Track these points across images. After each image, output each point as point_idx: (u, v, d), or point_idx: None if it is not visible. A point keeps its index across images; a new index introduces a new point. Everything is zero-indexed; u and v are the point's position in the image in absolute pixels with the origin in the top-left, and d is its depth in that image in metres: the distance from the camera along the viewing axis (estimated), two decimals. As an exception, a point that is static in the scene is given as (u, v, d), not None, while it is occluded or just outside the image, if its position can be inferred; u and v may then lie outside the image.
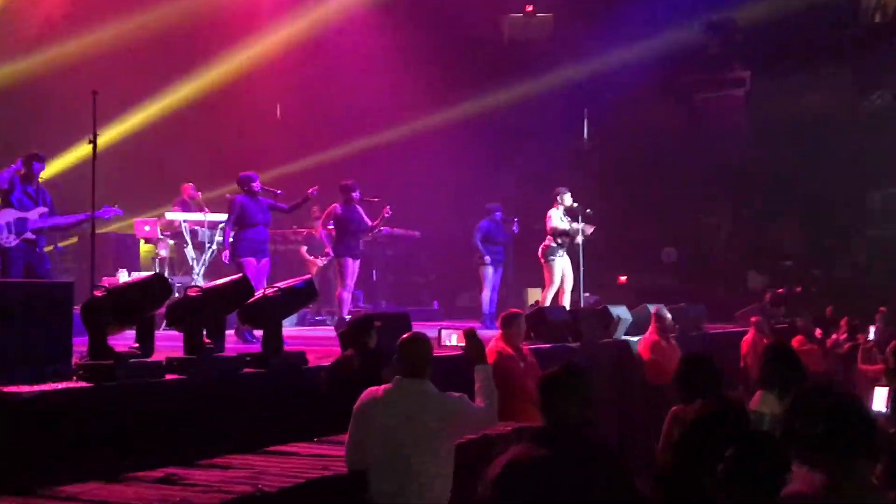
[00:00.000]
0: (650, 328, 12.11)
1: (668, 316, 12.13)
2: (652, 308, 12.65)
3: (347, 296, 12.78)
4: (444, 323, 13.62)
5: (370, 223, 13.06)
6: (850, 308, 16.00)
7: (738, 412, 5.12)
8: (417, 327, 7.69)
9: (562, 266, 14.12)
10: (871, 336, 14.44)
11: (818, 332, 14.79)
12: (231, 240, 11.63)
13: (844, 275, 20.57)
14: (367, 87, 19.51)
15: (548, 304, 13.73)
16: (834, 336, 14.98)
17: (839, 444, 3.84)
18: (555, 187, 14.50)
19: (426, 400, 5.60)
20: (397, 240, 18.09)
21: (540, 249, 14.19)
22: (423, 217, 18.62)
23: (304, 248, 16.44)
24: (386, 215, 13.04)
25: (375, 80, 19.48)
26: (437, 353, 6.08)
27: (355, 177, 13.45)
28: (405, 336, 5.85)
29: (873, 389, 8.64)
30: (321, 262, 15.90)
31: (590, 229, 14.15)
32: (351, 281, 12.78)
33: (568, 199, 14.23)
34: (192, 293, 7.49)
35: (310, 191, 12.13)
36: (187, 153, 17.85)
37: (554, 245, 14.09)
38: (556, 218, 14.11)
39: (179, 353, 7.27)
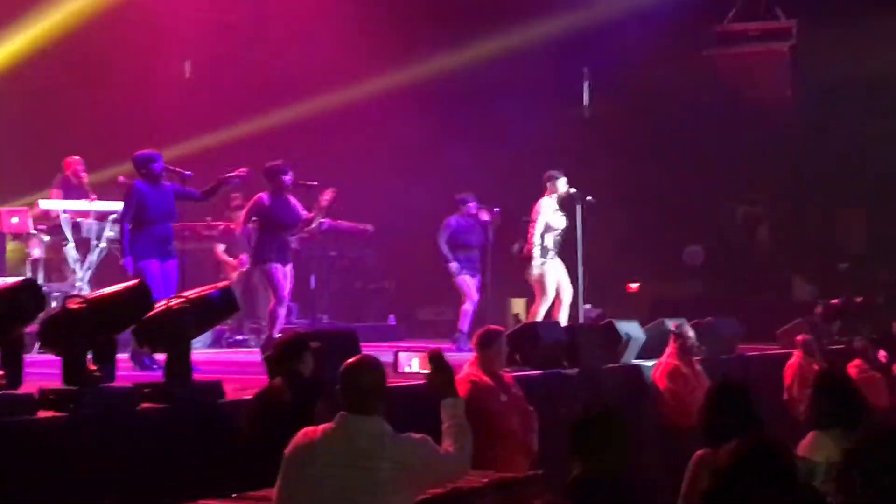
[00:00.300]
0: (668, 350, 12.15)
1: (692, 334, 12.17)
2: (671, 324, 12.69)
3: (283, 311, 12.75)
4: (403, 343, 13.64)
5: (306, 215, 13.03)
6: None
7: (782, 458, 5.14)
8: (368, 349, 7.69)
9: (555, 273, 14.12)
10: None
11: (882, 354, 14.90)
12: (128, 237, 11.58)
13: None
14: (303, 38, 19.47)
15: (539, 319, 13.77)
16: (902, 360, 15.10)
17: None
18: (546, 169, 14.52)
19: (378, 443, 5.59)
20: (343, 236, 18.07)
21: (524, 251, 14.18)
22: (377, 207, 18.61)
23: (220, 247, 16.40)
24: (325, 203, 12.99)
25: (313, 27, 19.44)
26: (392, 382, 6.08)
27: (288, 155, 13.41)
28: (350, 361, 5.84)
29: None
30: (243, 264, 15.87)
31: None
32: (285, 291, 12.74)
33: (563, 185, 14.26)
34: (73, 305, 7.44)
35: (233, 174, 12.08)
36: (68, 123, 17.74)
37: (542, 246, 14.07)
38: (548, 210, 14.12)
39: (57, 384, 7.23)
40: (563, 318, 13.98)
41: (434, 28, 20.28)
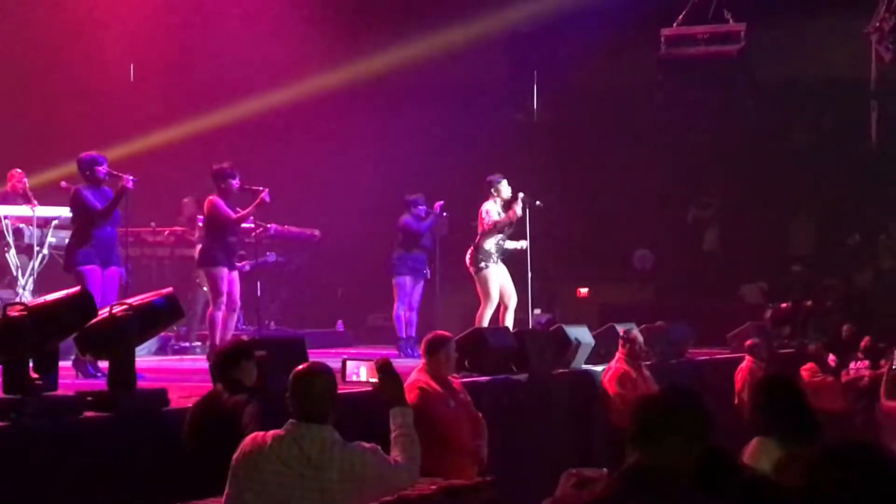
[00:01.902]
0: (617, 355, 12.22)
1: (640, 338, 12.25)
2: (620, 329, 12.75)
3: (221, 316, 12.64)
4: (351, 350, 13.62)
5: (236, 215, 12.88)
6: (875, 327, 16.26)
7: (728, 467, 5.16)
8: (316, 356, 7.68)
9: (498, 277, 14.09)
10: (896, 363, 14.68)
11: (832, 358, 15.02)
12: (68, 242, 11.51)
13: (867, 284, 20.89)
14: (246, 39, 19.39)
15: (485, 324, 13.76)
16: (853, 364, 15.22)
17: None
18: (494, 172, 14.52)
19: (327, 452, 5.57)
20: (290, 242, 18.02)
21: (468, 256, 14.17)
22: (324, 213, 18.58)
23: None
24: (263, 198, 12.83)
25: (257, 28, 19.38)
26: (341, 389, 6.07)
27: (231, 158, 13.32)
28: (301, 368, 5.83)
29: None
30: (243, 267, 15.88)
31: (524, 245, 14.21)
32: (229, 296, 12.66)
33: (505, 188, 14.22)
34: (13, 313, 7.39)
35: (126, 178, 11.82)
36: (9, 128, 17.60)
37: (486, 249, 14.03)
38: (495, 213, 14.13)
39: (-3, 393, 7.18)
40: (508, 323, 13.98)
41: (379, 29, 20.27)
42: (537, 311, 15.36)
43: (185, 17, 19.63)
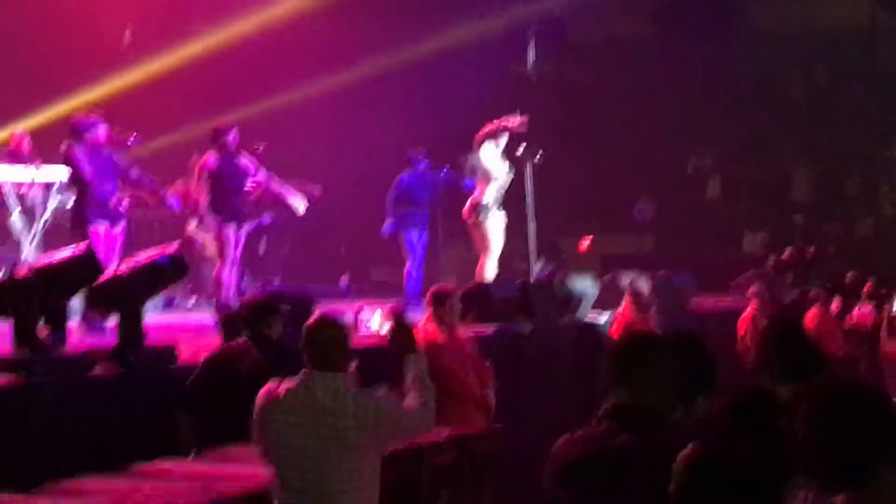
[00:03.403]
0: (623, 304, 12.24)
1: (646, 287, 12.27)
2: (625, 278, 12.77)
3: (228, 274, 12.67)
4: (358, 303, 13.63)
5: (256, 177, 12.95)
6: (877, 273, 16.29)
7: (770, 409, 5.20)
8: (323, 309, 7.69)
9: (498, 225, 13.92)
10: (896, 308, 14.73)
11: (836, 304, 15.05)
12: (72, 203, 11.51)
13: (868, 231, 20.92)
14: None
15: (488, 275, 13.70)
16: (856, 309, 15.26)
17: (865, 457, 3.91)
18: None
19: (342, 400, 5.60)
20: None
21: (467, 206, 13.94)
22: (326, 168, 18.55)
23: (192, 223, 16.15)
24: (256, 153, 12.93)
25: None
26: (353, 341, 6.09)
27: (236, 115, 13.34)
28: (312, 320, 5.85)
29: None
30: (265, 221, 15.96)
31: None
32: (233, 252, 12.67)
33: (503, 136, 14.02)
34: (20, 273, 7.43)
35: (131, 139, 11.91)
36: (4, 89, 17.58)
37: (485, 204, 13.82)
38: (489, 155, 13.87)
39: (7, 352, 7.20)
40: (491, 272, 13.82)
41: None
42: (540, 262, 15.33)
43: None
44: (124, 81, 18.13)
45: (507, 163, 13.97)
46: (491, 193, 13.77)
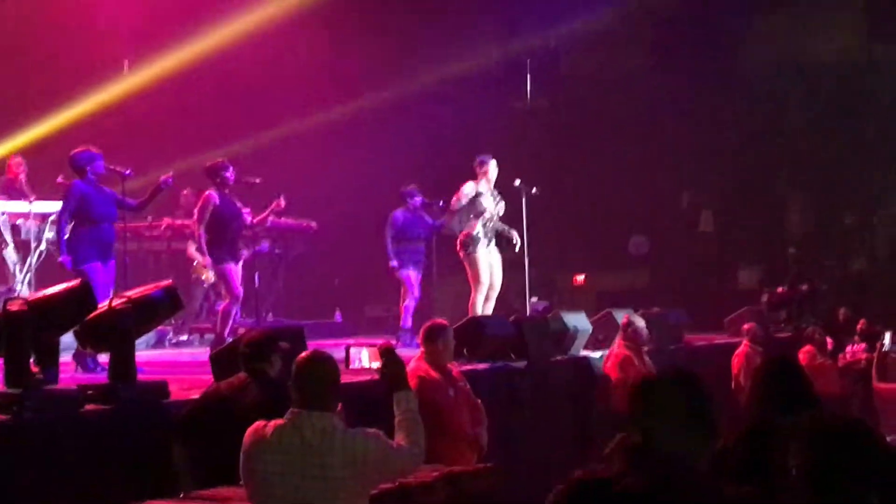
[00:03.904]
0: (617, 341, 12.25)
1: (642, 324, 12.27)
2: (619, 315, 12.78)
3: (233, 309, 12.67)
4: (352, 340, 13.63)
5: (251, 220, 13.06)
6: (871, 311, 16.30)
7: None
8: (315, 346, 7.69)
9: (488, 259, 13.99)
10: (887, 345, 14.73)
11: (830, 342, 15.06)
12: (67, 237, 11.50)
13: (862, 268, 20.94)
14: (243, 25, 19.35)
15: (478, 310, 13.72)
16: (849, 347, 15.28)
17: (859, 493, 3.96)
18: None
19: (330, 439, 5.59)
20: (287, 233, 18.03)
21: (459, 239, 14.02)
22: (322, 203, 18.58)
23: (192, 247, 16.18)
24: (278, 207, 12.99)
25: (251, 16, 19.32)
26: (343, 377, 6.08)
27: (228, 150, 13.37)
28: (302, 356, 5.85)
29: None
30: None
31: (514, 236, 14.04)
32: (240, 291, 12.69)
33: (493, 169, 14.07)
34: (12, 307, 7.41)
35: (161, 179, 12.03)
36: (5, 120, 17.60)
37: (474, 234, 13.88)
38: (470, 194, 13.87)
39: (-1, 387, 7.20)
40: (489, 308, 13.88)
41: (376, 19, 20.23)
42: (534, 299, 15.33)
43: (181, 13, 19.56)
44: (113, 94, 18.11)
45: (495, 197, 13.99)
46: (479, 228, 13.81)
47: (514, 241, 13.98)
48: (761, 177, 21.65)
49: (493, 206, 13.90)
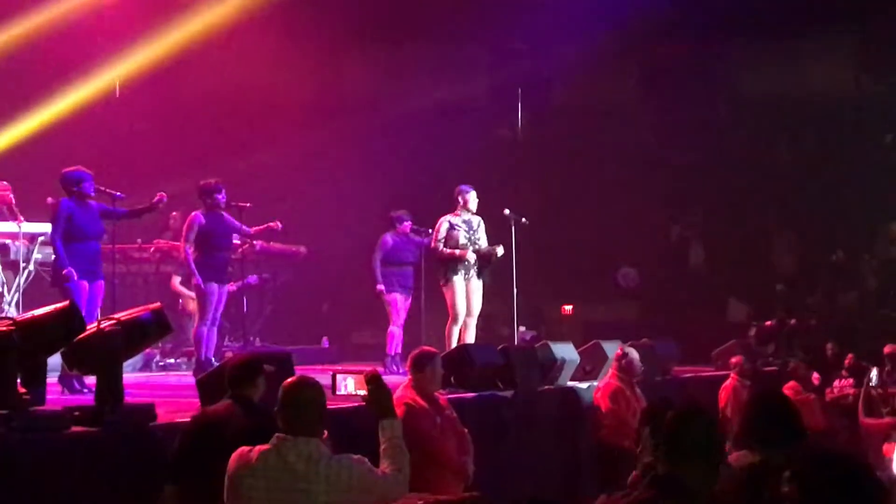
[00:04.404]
0: (609, 372, 12.27)
1: (636, 356, 12.30)
2: (607, 346, 12.81)
3: (206, 331, 12.66)
4: (338, 366, 13.63)
5: (248, 230, 13.12)
6: (858, 346, 16.32)
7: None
8: (302, 372, 7.69)
9: (463, 289, 14.04)
10: (874, 381, 14.77)
11: (816, 376, 15.08)
12: (54, 258, 11.50)
13: (850, 303, 20.96)
14: (233, 54, 19.38)
15: (452, 339, 13.74)
16: (837, 382, 15.30)
17: None
18: (480, 189, 14.41)
19: (315, 465, 5.60)
20: (276, 258, 18.02)
21: (439, 270, 14.12)
22: (310, 229, 18.58)
23: (176, 280, 16.17)
24: (276, 227, 13.10)
25: (244, 44, 19.35)
26: (330, 404, 6.08)
27: (217, 174, 13.36)
28: (288, 381, 5.85)
29: (882, 448, 8.86)
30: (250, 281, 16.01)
31: (499, 251, 14.07)
32: (214, 313, 12.69)
33: (473, 200, 14.14)
34: (1, 327, 7.40)
35: (156, 199, 12.09)
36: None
37: (451, 264, 13.95)
38: (443, 228, 13.97)
39: (-16, 408, 7.18)
40: (470, 336, 13.88)
41: (365, 45, 20.27)
42: (522, 329, 15.35)
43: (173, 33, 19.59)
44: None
45: (474, 228, 14.03)
46: (455, 258, 13.86)
47: (497, 254, 14.01)
48: (750, 210, 21.67)
49: (470, 237, 13.96)
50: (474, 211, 14.07)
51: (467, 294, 13.93)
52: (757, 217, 21.72)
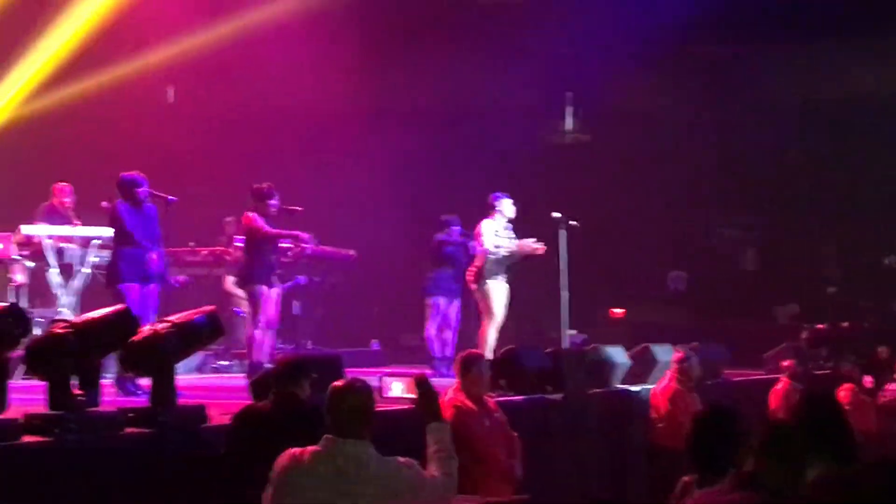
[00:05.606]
0: (669, 374, 12.23)
1: (697, 360, 12.28)
2: (657, 350, 12.79)
3: (261, 335, 12.75)
4: (386, 369, 13.68)
5: (302, 234, 13.25)
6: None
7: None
8: (352, 375, 7.75)
9: (502, 292, 14.14)
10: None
11: (868, 380, 14.97)
12: (109, 260, 11.63)
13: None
14: (282, 64, 19.47)
15: (490, 342, 13.82)
16: (889, 385, 15.18)
17: None
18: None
19: (364, 468, 5.63)
20: (326, 261, 18.07)
21: (471, 272, 14.22)
22: (361, 232, 18.64)
23: (230, 280, 16.26)
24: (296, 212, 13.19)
25: (295, 54, 19.45)
26: (378, 407, 6.11)
27: (272, 178, 13.45)
28: (338, 384, 5.89)
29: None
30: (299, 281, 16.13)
31: (540, 248, 14.17)
32: (268, 315, 12.77)
33: (508, 207, 14.27)
34: (57, 330, 7.49)
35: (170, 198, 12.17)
36: (48, 149, 17.74)
37: (488, 267, 14.08)
38: (489, 232, 14.16)
39: (42, 409, 7.26)
40: (492, 342, 13.98)
41: (413, 51, 20.29)
42: (572, 332, 15.33)
43: (225, 39, 19.71)
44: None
45: (509, 233, 14.14)
46: (490, 263, 13.99)
47: (538, 248, 14.12)
48: (802, 214, 21.56)
49: (506, 243, 14.04)
50: (512, 217, 14.19)
51: (505, 297, 14.05)
52: (809, 220, 21.59)
